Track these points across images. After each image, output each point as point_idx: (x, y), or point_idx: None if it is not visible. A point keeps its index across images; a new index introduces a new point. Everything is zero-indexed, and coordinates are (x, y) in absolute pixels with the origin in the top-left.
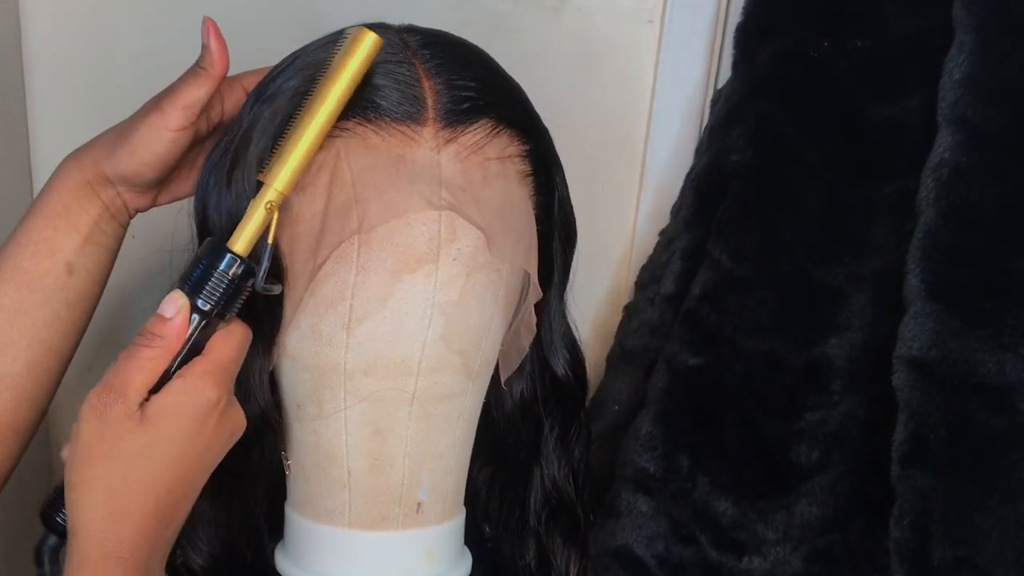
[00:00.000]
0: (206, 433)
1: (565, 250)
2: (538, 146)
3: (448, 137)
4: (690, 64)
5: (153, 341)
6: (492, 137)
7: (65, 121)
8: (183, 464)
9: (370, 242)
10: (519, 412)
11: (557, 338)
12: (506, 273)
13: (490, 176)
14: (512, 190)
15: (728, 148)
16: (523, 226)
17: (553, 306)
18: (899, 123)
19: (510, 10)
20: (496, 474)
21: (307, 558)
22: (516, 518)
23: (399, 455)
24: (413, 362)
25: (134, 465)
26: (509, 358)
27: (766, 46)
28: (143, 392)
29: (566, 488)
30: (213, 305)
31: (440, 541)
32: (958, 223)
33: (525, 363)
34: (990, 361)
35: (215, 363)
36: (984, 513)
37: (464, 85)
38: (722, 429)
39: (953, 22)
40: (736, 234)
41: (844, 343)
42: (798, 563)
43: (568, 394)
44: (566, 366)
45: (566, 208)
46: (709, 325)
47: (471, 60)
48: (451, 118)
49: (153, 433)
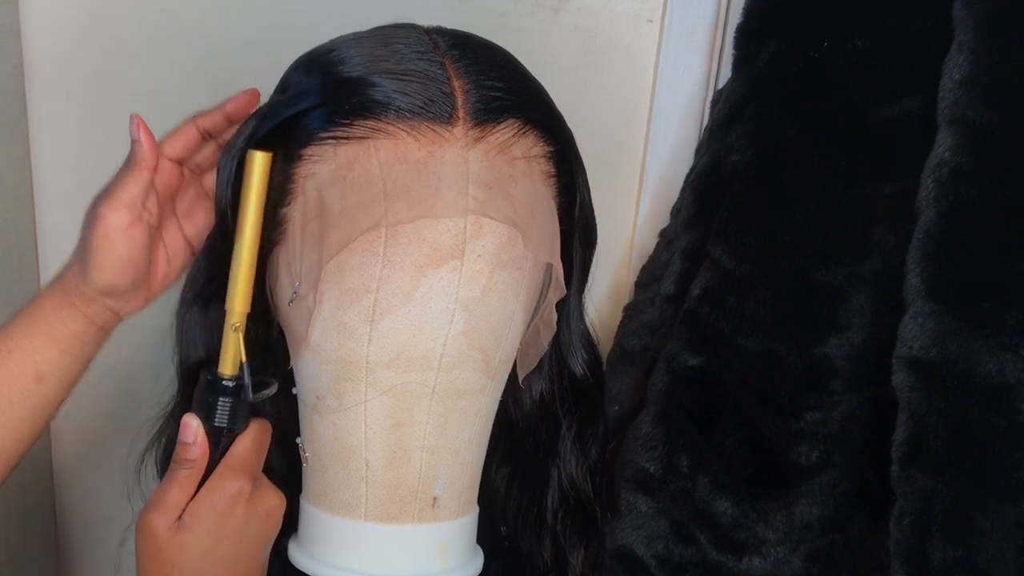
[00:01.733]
0: (237, 517)
1: (585, 251)
2: (563, 148)
3: (477, 136)
4: (690, 64)
5: (183, 464)
6: (519, 137)
7: (65, 121)
8: (223, 547)
9: (397, 236)
10: (537, 411)
11: (576, 338)
12: (528, 271)
13: (517, 175)
14: (537, 189)
15: (728, 148)
16: (548, 224)
17: (572, 306)
18: (899, 123)
19: (510, 10)
20: (514, 473)
21: (322, 550)
22: (533, 516)
23: (417, 449)
24: (434, 356)
25: (182, 566)
26: (528, 356)
27: (766, 46)
28: (181, 506)
29: (583, 487)
30: (225, 423)
31: (454, 536)
32: (958, 223)
33: (544, 362)
34: (990, 361)
35: (233, 459)
36: (984, 513)
37: (492, 85)
38: (722, 429)
39: (953, 22)
40: (736, 234)
41: (844, 343)
42: (798, 563)
43: (586, 393)
44: (584, 366)
45: (587, 210)
46: (709, 325)
47: (498, 61)
48: (480, 117)
49: (189, 533)
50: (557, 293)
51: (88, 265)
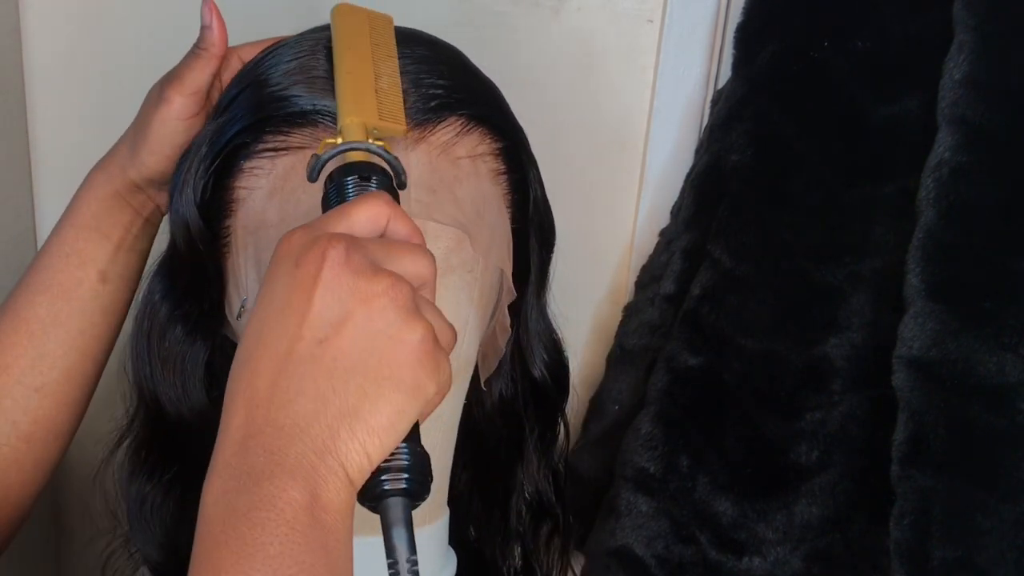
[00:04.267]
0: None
1: (542, 249)
2: (511, 143)
3: (417, 137)
4: (690, 64)
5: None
6: (462, 135)
7: (65, 121)
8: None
9: None
10: (499, 413)
11: (535, 339)
12: (480, 273)
13: (462, 175)
14: (485, 189)
15: (728, 148)
16: (497, 224)
17: (530, 306)
18: (899, 123)
19: (509, 10)
20: (478, 476)
21: None
22: (499, 520)
23: None
24: None
25: None
26: (487, 359)
27: (766, 46)
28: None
29: (546, 490)
30: None
31: (424, 543)
32: (958, 223)
33: (504, 364)
34: (990, 361)
35: None
36: (984, 513)
37: (433, 83)
38: (722, 429)
39: (953, 22)
40: (736, 234)
41: (844, 343)
42: (798, 563)
43: (546, 396)
44: (543, 367)
45: (542, 207)
46: (709, 325)
47: (442, 58)
48: (420, 117)
49: None
50: (507, 296)
51: (141, 148)
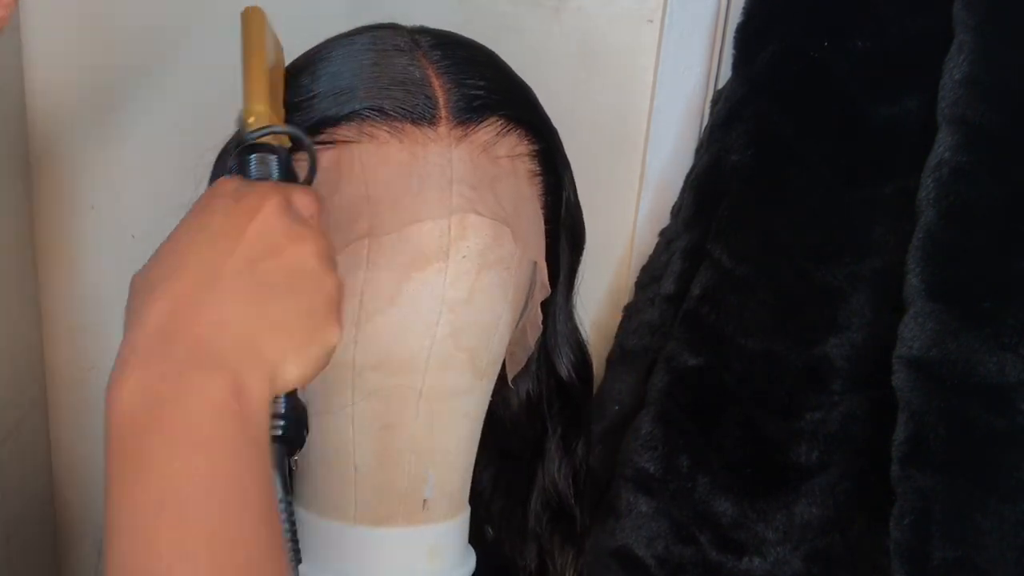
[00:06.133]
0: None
1: (572, 251)
2: (547, 146)
3: (460, 135)
4: (690, 64)
5: None
6: (502, 135)
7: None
8: None
9: (381, 239)
10: (524, 412)
11: (562, 339)
12: (515, 271)
13: (501, 174)
14: (522, 188)
15: (728, 148)
16: (533, 223)
17: (559, 306)
18: (899, 123)
19: (510, 10)
20: (500, 474)
21: (311, 553)
22: (518, 519)
23: (406, 451)
24: (421, 359)
25: None
26: (515, 357)
27: (766, 46)
28: None
29: (566, 491)
30: None
31: (444, 538)
32: (958, 223)
33: (531, 363)
34: (990, 361)
35: None
36: (984, 513)
37: (474, 84)
38: (722, 429)
39: (953, 22)
40: (736, 234)
41: (844, 343)
42: (798, 563)
43: (571, 396)
44: (570, 367)
45: (573, 210)
46: (709, 325)
47: (480, 60)
48: (462, 116)
49: None
50: (542, 293)
51: None
